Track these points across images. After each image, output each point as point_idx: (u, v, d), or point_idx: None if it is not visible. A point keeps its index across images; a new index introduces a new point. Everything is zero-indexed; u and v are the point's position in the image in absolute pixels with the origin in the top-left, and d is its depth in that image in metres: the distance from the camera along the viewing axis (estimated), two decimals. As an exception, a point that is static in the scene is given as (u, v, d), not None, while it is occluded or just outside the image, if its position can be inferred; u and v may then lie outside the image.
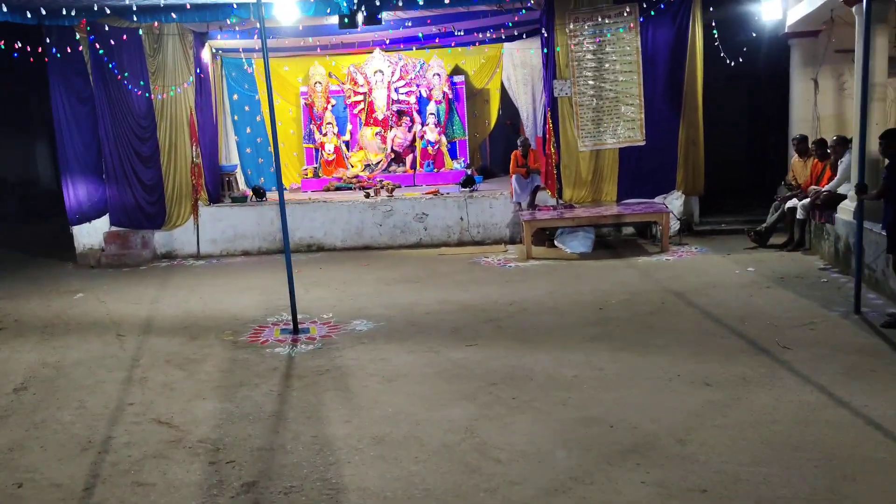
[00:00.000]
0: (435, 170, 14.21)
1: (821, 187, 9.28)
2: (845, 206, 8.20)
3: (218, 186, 12.61)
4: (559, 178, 11.36)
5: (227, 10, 10.76)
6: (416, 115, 14.51)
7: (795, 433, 4.14)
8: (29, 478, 4.17)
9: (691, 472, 3.79)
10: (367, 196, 11.94)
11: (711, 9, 10.45)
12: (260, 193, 12.45)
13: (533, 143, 14.84)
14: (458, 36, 12.79)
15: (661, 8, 10.65)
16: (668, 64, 11.00)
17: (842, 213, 8.24)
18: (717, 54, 10.94)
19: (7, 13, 9.26)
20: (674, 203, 11.03)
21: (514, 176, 11.20)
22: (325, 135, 14.44)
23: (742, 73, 11.63)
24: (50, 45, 10.58)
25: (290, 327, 7.09)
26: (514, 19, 11.60)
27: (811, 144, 9.69)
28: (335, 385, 5.43)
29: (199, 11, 10.90)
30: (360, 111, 14.63)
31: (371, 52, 14.22)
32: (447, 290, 8.47)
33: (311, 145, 14.73)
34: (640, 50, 11.01)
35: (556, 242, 10.74)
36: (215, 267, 11.02)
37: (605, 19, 10.98)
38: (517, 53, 14.60)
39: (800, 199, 9.50)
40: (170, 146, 11.65)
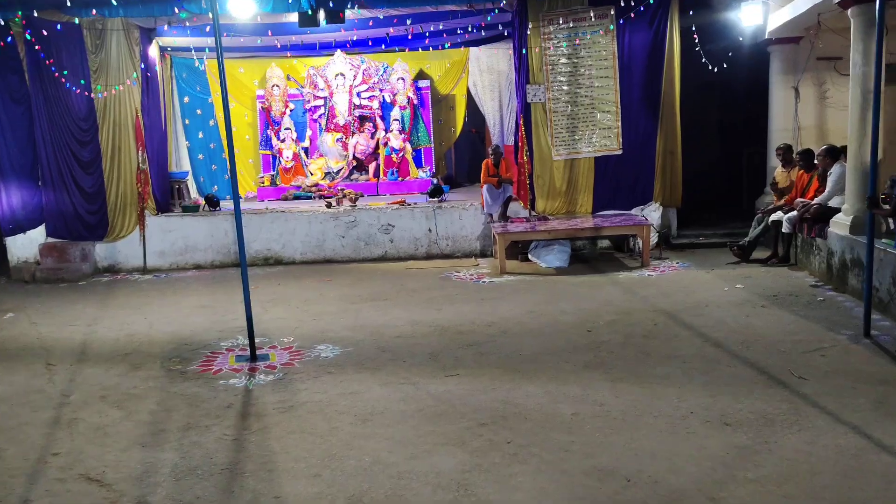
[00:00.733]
0: (399, 178, 13.54)
1: (807, 199, 8.90)
2: (840, 220, 7.79)
3: (167, 194, 11.72)
4: (532, 188, 10.80)
5: (177, 4, 9.96)
6: (379, 120, 13.83)
7: (844, 488, 3.58)
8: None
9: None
10: (328, 206, 11.20)
11: (691, 12, 10.01)
12: (213, 202, 11.61)
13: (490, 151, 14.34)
14: (425, 37, 12.16)
15: (638, 11, 10.19)
16: (645, 70, 10.55)
17: (836, 228, 7.83)
18: (689, 61, 10.52)
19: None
20: (651, 215, 10.56)
21: (485, 186, 10.60)
22: (283, 141, 13.66)
23: (716, 81, 11.24)
24: (-21, 39, 9.64)
25: (247, 353, 6.33)
26: (483, 21, 11.02)
27: (795, 155, 9.30)
28: (300, 426, 4.71)
29: (145, 4, 10.06)
30: (320, 116, 13.88)
31: (332, 55, 13.50)
32: (419, 309, 7.81)
33: (268, 152, 13.93)
34: (616, 55, 10.53)
35: (530, 256, 10.16)
36: (164, 282, 10.15)
37: (580, 22, 10.47)
38: (483, 58, 14.07)
39: (785, 212, 9.10)
40: (113, 150, 10.75)
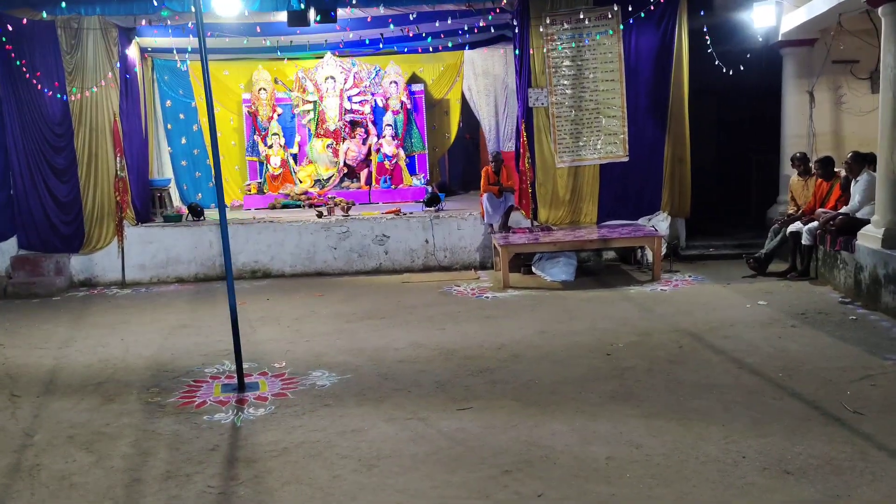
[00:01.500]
0: (392, 186, 12.96)
1: (828, 209, 8.42)
2: (870, 233, 7.29)
3: (147, 203, 11.08)
4: (534, 197, 10.26)
5: (157, 1, 9.35)
6: (371, 126, 13.26)
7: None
8: None
9: None
10: (319, 216, 10.60)
11: (702, 12, 9.53)
12: (197, 212, 10.97)
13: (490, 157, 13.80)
14: (420, 38, 11.61)
15: (646, 11, 9.68)
16: (652, 73, 10.05)
17: (865, 241, 7.33)
18: (695, 63, 10.04)
19: None
20: (659, 225, 10.04)
21: (485, 195, 10.04)
22: (271, 147, 13.04)
23: (723, 85, 10.75)
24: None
25: (234, 382, 5.72)
26: (483, 20, 10.48)
27: (814, 163, 8.82)
28: (297, 475, 4.11)
29: (124, 2, 9.46)
30: (309, 121, 13.28)
31: (322, 57, 12.91)
32: (420, 328, 7.23)
33: (255, 158, 13.31)
34: (622, 57, 10.03)
35: (534, 269, 9.61)
36: (143, 298, 9.50)
37: (585, 22, 9.96)
38: (478, 61, 13.57)
39: (804, 223, 8.61)
40: (89, 157, 10.10)
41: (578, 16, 9.88)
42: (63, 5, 9.17)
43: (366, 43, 11.38)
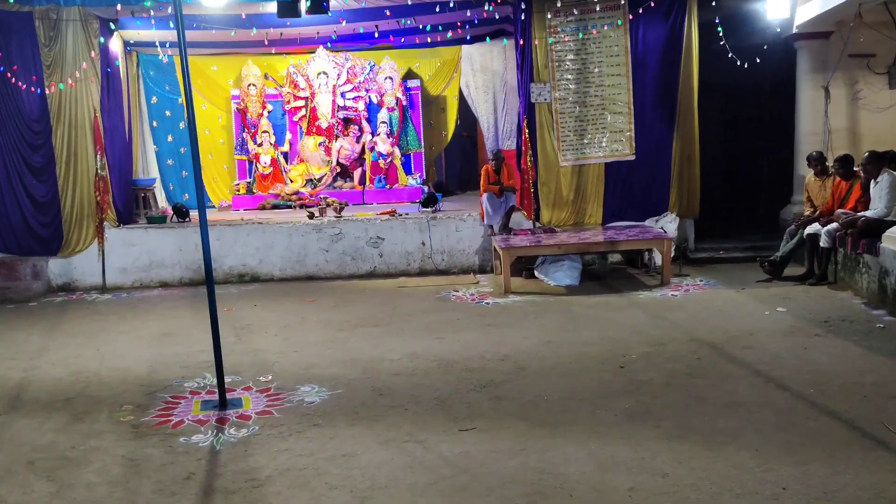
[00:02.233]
0: (387, 186, 12.49)
1: (847, 210, 7.99)
2: (896, 235, 6.86)
3: (130, 204, 10.58)
4: (536, 197, 9.80)
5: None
6: (365, 123, 12.78)
7: None
8: None
9: None
10: (310, 217, 10.12)
11: (714, 2, 9.08)
12: (182, 213, 10.47)
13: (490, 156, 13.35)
14: (417, 31, 11.14)
15: (652, 3, 9.23)
16: (660, 67, 9.60)
17: (891, 243, 6.89)
18: (703, 57, 9.59)
19: None
20: (667, 227, 9.58)
21: (484, 195, 9.57)
22: (261, 145, 12.55)
23: (732, 79, 10.33)
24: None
25: (215, 398, 5.25)
26: (485, 12, 10.01)
27: (834, 162, 8.37)
28: (280, 508, 3.65)
29: (104, -8, 8.96)
30: (300, 118, 12.80)
31: (315, 51, 12.43)
32: (417, 337, 6.76)
33: (244, 157, 12.82)
34: (629, 50, 9.58)
35: (536, 273, 9.15)
36: (124, 303, 9.01)
37: (589, 14, 9.51)
38: (477, 57, 13.14)
39: (822, 225, 8.17)
40: (68, 155, 9.60)
41: (584, 6, 9.43)
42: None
43: (360, 32, 10.88)
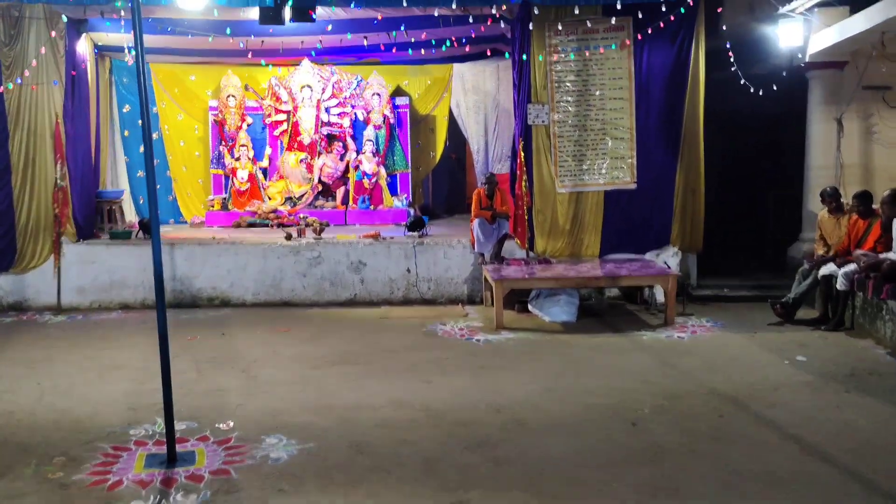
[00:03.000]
0: (371, 207, 11.81)
1: (867, 250, 7.43)
2: (929, 281, 6.28)
3: (92, 217, 9.80)
4: (531, 224, 9.16)
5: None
6: (349, 140, 12.12)
7: None
8: None
9: None
10: (288, 238, 9.40)
11: (724, 27, 8.58)
12: (149, 228, 9.68)
13: (481, 179, 12.75)
14: (408, 47, 10.55)
15: (659, 25, 8.69)
16: (665, 92, 9.06)
17: (922, 290, 6.32)
18: (707, 84, 9.08)
19: None
20: (669, 261, 9.02)
21: (475, 220, 8.93)
22: (238, 159, 11.84)
23: (737, 108, 9.85)
24: None
25: (164, 451, 4.49)
26: (482, 27, 9.46)
27: (853, 199, 7.81)
28: None
29: (71, -11, 8.26)
30: (281, 133, 12.12)
31: (298, 63, 11.78)
32: (401, 380, 6.05)
33: (220, 171, 12.10)
34: (632, 74, 9.02)
35: (530, 307, 8.49)
36: (79, 327, 8.22)
37: (592, 34, 8.95)
38: (468, 76, 12.66)
39: (838, 266, 7.61)
40: (26, 163, 8.85)
41: (586, 26, 8.88)
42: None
43: (347, 45, 10.25)
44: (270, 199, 11.84)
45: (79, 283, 9.09)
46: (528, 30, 8.89)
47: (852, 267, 7.39)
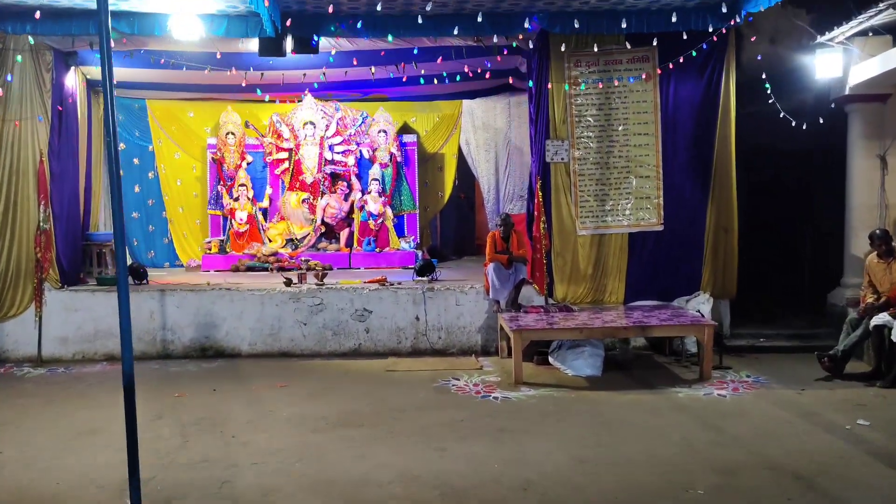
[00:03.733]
0: (377, 249, 11.16)
1: (925, 299, 6.72)
2: None
3: (78, 262, 9.15)
4: (550, 269, 8.49)
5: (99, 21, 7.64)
6: (354, 180, 11.53)
7: None
8: None
9: None
10: (287, 283, 8.72)
11: (759, 57, 8.01)
12: (139, 274, 9.08)
13: (493, 221, 12.13)
14: (416, 83, 10.03)
15: (687, 56, 8.12)
16: (693, 127, 8.47)
17: None
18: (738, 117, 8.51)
19: None
20: (701, 308, 8.29)
21: (490, 265, 8.25)
22: (237, 199, 11.24)
23: (769, 143, 9.24)
24: None
25: (133, 545, 3.77)
26: (493, 62, 8.91)
27: (902, 242, 7.14)
28: None
29: (60, 21, 7.72)
30: (283, 172, 11.54)
31: (301, 98, 11.25)
32: (412, 447, 5.32)
33: (219, 212, 11.48)
34: (658, 107, 8.44)
35: (550, 359, 7.77)
36: (59, 381, 7.53)
37: (615, 64, 8.39)
38: (479, 113, 12.16)
39: (893, 315, 6.89)
40: (7, 204, 8.30)
41: (609, 56, 8.32)
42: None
43: (352, 80, 9.72)
44: (271, 241, 11.21)
45: (61, 333, 8.42)
46: (547, 60, 8.35)
47: (911, 316, 6.69)
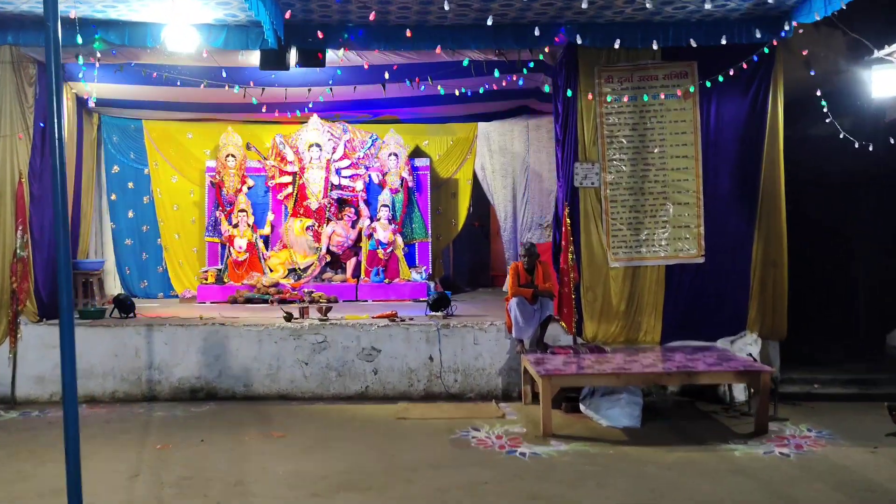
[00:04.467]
0: (386, 280, 10.35)
1: None
2: None
3: (56, 294, 8.32)
4: (579, 304, 7.66)
5: (87, 31, 6.99)
6: (363, 206, 10.77)
7: None
8: None
9: None
10: (288, 318, 7.91)
11: (812, 72, 7.26)
12: (125, 306, 8.28)
13: (512, 252, 11.37)
14: (429, 103, 9.33)
15: (729, 72, 7.37)
16: (738, 150, 7.70)
17: None
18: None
19: None
20: (748, 349, 7.44)
21: (513, 299, 7.43)
22: (237, 226, 10.48)
23: (816, 166, 8.45)
24: None
25: None
26: (511, 80, 8.21)
27: None
28: None
29: (41, 30, 7.01)
30: (286, 197, 10.80)
31: (306, 120, 10.55)
32: (429, 521, 4.47)
33: (217, 239, 10.72)
34: (699, 127, 7.67)
35: (582, 407, 6.91)
36: (31, 427, 6.73)
37: (651, 80, 7.65)
38: (495, 136, 11.52)
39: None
40: (-21, 229, 7.51)
41: (644, 71, 7.58)
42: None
43: (361, 100, 9.03)
44: (272, 270, 10.42)
45: (38, 371, 7.62)
46: (575, 75, 7.61)
47: None
